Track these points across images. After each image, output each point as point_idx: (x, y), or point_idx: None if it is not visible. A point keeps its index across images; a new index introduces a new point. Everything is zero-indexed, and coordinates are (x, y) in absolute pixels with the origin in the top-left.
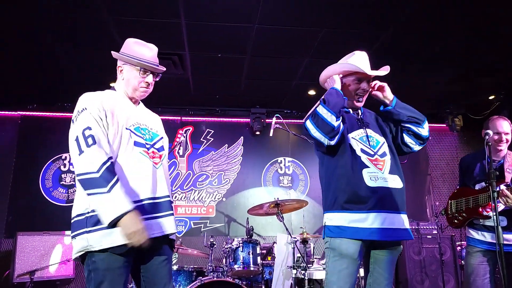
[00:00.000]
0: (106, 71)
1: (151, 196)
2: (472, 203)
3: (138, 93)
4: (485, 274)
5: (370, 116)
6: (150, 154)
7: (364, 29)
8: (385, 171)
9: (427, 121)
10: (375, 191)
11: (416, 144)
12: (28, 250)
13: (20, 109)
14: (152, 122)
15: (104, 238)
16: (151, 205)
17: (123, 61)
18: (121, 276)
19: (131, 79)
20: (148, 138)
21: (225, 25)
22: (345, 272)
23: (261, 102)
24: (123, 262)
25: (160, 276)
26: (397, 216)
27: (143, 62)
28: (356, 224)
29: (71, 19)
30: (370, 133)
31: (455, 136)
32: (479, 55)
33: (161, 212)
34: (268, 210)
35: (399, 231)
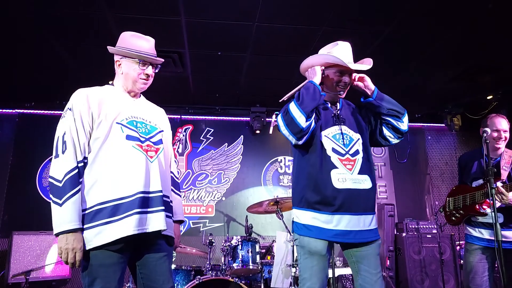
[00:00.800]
0: (106, 68)
1: (142, 190)
2: (469, 200)
3: (138, 86)
4: (484, 271)
5: (348, 110)
6: (145, 148)
7: (363, 27)
8: (354, 171)
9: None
10: (342, 193)
11: (395, 137)
12: (24, 250)
13: (18, 107)
14: (151, 115)
15: (97, 236)
16: (142, 199)
17: (121, 55)
18: (115, 273)
19: (130, 72)
20: (143, 132)
21: (225, 23)
22: (316, 268)
23: (261, 100)
24: (118, 258)
25: (159, 273)
26: (363, 217)
27: (142, 54)
28: (321, 225)
29: (71, 16)
30: (344, 130)
31: (454, 135)
32: (478, 55)
33: (152, 207)
34: (268, 208)
35: (363, 233)
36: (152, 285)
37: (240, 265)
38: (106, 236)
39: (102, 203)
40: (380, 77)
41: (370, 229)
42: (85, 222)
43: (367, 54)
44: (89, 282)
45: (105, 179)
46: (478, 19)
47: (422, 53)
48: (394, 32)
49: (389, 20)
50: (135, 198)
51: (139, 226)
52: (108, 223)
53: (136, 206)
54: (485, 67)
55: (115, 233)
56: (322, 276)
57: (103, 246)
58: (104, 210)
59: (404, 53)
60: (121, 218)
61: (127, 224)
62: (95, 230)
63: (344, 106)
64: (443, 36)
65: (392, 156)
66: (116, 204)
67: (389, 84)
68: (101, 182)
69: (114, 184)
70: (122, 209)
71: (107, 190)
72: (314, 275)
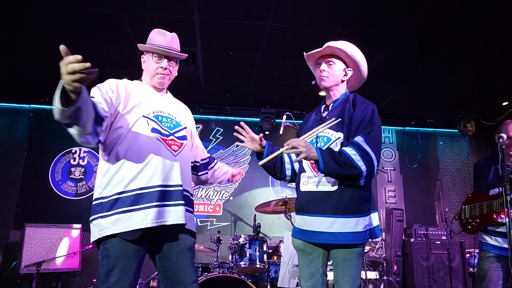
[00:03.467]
0: (119, 65)
1: (162, 183)
2: (486, 209)
3: (156, 80)
4: (498, 280)
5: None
6: (168, 142)
7: (375, 31)
8: (320, 173)
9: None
10: (303, 195)
11: None
12: (36, 241)
13: (32, 102)
14: (177, 111)
15: (115, 224)
16: (161, 192)
17: (144, 51)
18: (132, 265)
19: (149, 66)
20: (168, 126)
21: (238, 22)
22: (301, 263)
23: (271, 101)
24: (135, 250)
25: (181, 266)
26: (320, 219)
27: (156, 47)
28: (294, 223)
29: (84, 13)
30: (320, 133)
31: (467, 141)
32: (493, 60)
33: (171, 200)
34: (276, 208)
35: (320, 234)
36: (174, 278)
37: (247, 263)
38: (124, 224)
39: (122, 192)
40: (392, 81)
41: (330, 232)
42: (103, 210)
43: (379, 57)
44: (106, 272)
45: (127, 169)
46: (492, 24)
47: (435, 59)
48: (406, 37)
49: (402, 24)
50: (154, 190)
51: (157, 218)
52: (127, 212)
53: (156, 199)
54: (500, 73)
55: (133, 223)
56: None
57: (121, 235)
58: (124, 199)
59: (416, 57)
60: (140, 208)
61: (145, 215)
62: (113, 217)
63: (340, 104)
64: (456, 41)
65: (402, 160)
66: (137, 193)
67: (401, 89)
68: (123, 172)
69: (136, 175)
70: (142, 200)
71: (129, 180)
72: (301, 269)
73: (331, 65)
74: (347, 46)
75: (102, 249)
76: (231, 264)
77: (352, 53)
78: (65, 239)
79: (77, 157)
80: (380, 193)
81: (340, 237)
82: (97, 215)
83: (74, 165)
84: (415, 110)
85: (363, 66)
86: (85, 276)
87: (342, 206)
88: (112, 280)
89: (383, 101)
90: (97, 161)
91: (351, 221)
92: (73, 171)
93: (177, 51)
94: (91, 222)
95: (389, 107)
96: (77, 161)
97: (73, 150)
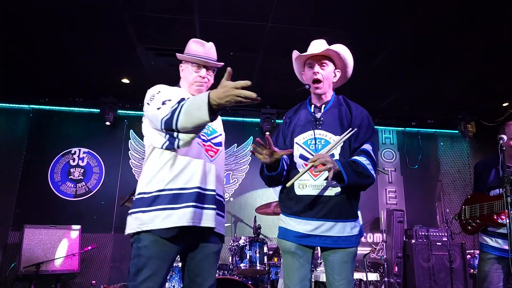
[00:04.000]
0: (119, 65)
1: (200, 186)
2: (486, 209)
3: (193, 88)
4: (498, 281)
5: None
6: (207, 147)
7: (375, 32)
8: (320, 177)
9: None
10: (301, 199)
11: None
12: (35, 243)
13: (32, 102)
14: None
15: (154, 220)
16: (199, 194)
17: (182, 60)
18: (162, 266)
19: (187, 75)
20: (206, 133)
21: (239, 23)
22: (292, 266)
23: (271, 102)
24: (166, 252)
25: (203, 269)
26: (322, 223)
27: (194, 57)
28: (285, 226)
29: (84, 13)
30: (319, 135)
31: (467, 142)
32: (493, 61)
33: (206, 203)
34: (276, 209)
35: (325, 238)
36: (195, 279)
37: (247, 265)
38: (162, 221)
39: (162, 190)
40: (393, 82)
41: (329, 236)
42: (143, 206)
43: (379, 58)
44: (135, 271)
45: (169, 168)
46: (492, 24)
47: (436, 60)
48: (406, 38)
49: (402, 26)
50: (192, 191)
51: (194, 219)
52: (165, 209)
53: (193, 199)
54: (501, 74)
55: (172, 221)
56: (299, 275)
57: (156, 232)
58: (164, 197)
59: (416, 58)
60: (179, 207)
61: (184, 214)
62: (152, 213)
63: (334, 106)
64: (456, 41)
65: (403, 161)
66: (176, 193)
67: (401, 89)
68: (165, 171)
69: (176, 175)
70: (181, 199)
71: (169, 179)
72: (289, 273)
73: (324, 67)
74: (341, 48)
75: (135, 247)
76: (231, 266)
77: (345, 55)
78: (64, 240)
79: (77, 158)
80: (381, 194)
81: (340, 241)
82: (138, 209)
83: (74, 166)
84: (415, 111)
85: (351, 68)
86: (84, 277)
87: (342, 210)
88: (139, 279)
89: (384, 101)
90: (97, 162)
91: (349, 225)
92: (72, 171)
93: (214, 60)
94: (131, 215)
95: (390, 108)
96: (76, 162)
97: (72, 151)
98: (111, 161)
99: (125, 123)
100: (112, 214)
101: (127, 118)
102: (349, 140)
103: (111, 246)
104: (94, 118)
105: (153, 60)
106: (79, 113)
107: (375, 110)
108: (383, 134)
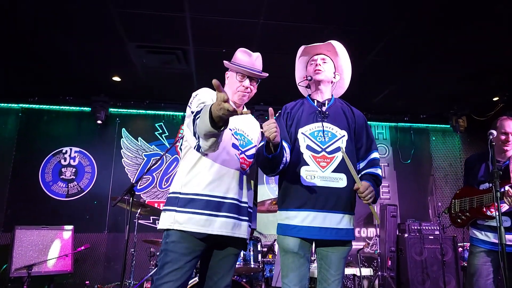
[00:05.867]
0: (110, 63)
1: (236, 197)
2: (476, 203)
3: (236, 97)
4: (488, 274)
5: (338, 107)
6: (240, 160)
7: (369, 28)
8: (328, 169)
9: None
10: (309, 190)
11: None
12: (26, 244)
13: (21, 101)
14: (249, 128)
15: (189, 222)
16: (235, 206)
17: (228, 68)
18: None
19: (231, 83)
20: (241, 144)
21: (230, 20)
22: (292, 266)
23: (265, 99)
24: (193, 250)
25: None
26: (329, 215)
27: (240, 67)
28: (288, 221)
29: (74, 11)
30: (326, 127)
31: (459, 137)
32: (484, 56)
33: (242, 216)
34: (270, 207)
35: (331, 230)
36: (212, 277)
37: (241, 263)
38: (198, 225)
39: (198, 195)
40: (385, 78)
41: (339, 228)
42: (179, 205)
43: (372, 54)
44: (161, 265)
45: (206, 175)
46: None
47: (428, 55)
48: (400, 33)
49: (396, 21)
50: (232, 202)
51: (233, 229)
52: (203, 214)
53: (234, 211)
54: (491, 68)
55: (211, 228)
56: (300, 275)
57: (189, 232)
58: (199, 201)
59: (410, 54)
60: (216, 215)
61: (225, 224)
62: (187, 215)
63: (335, 104)
64: (449, 37)
65: (396, 156)
66: (215, 201)
67: (394, 85)
68: (203, 176)
69: (212, 182)
70: (222, 208)
71: (205, 185)
72: (290, 272)
73: (325, 63)
74: (342, 48)
75: (163, 242)
76: None
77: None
78: (56, 241)
79: (68, 157)
80: None
81: (349, 234)
82: (172, 207)
83: (65, 166)
84: (408, 106)
85: (348, 75)
86: (78, 278)
87: (348, 202)
88: (164, 272)
89: (377, 97)
90: (89, 161)
91: (352, 218)
92: (63, 171)
93: (259, 71)
94: (165, 211)
95: (383, 103)
96: (68, 161)
97: (63, 150)
98: (103, 160)
99: (117, 121)
100: (105, 214)
101: (119, 117)
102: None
103: (104, 245)
104: (85, 116)
105: (145, 58)
106: (70, 111)
107: (368, 106)
108: (376, 130)
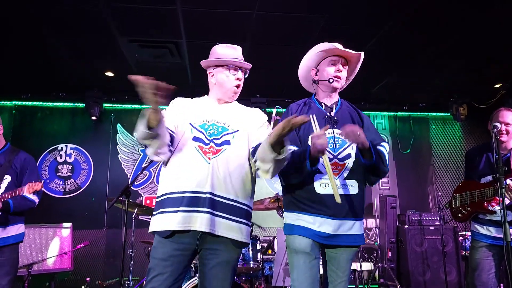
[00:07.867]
0: (102, 58)
1: (192, 189)
2: (477, 197)
3: (230, 93)
4: (490, 269)
5: (346, 111)
6: (205, 149)
7: (366, 19)
8: (340, 176)
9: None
10: (323, 198)
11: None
12: (25, 243)
13: (15, 98)
14: (231, 117)
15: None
16: (190, 198)
17: (213, 66)
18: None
19: (223, 81)
20: (211, 134)
21: (224, 11)
22: (303, 267)
23: (261, 91)
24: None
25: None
26: (342, 222)
27: (231, 60)
28: (304, 224)
29: (65, 7)
30: (337, 134)
31: (459, 125)
32: (485, 44)
33: (199, 207)
34: (269, 205)
35: (343, 237)
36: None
37: (240, 263)
38: (159, 224)
39: (164, 195)
40: (384, 67)
41: (349, 234)
42: (155, 209)
43: (371, 45)
44: (147, 270)
45: (170, 174)
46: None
47: (426, 42)
48: (399, 24)
49: (395, 9)
50: (183, 196)
51: (183, 223)
52: (162, 213)
53: (184, 204)
54: (493, 56)
55: (163, 225)
56: (310, 275)
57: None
58: (165, 201)
59: (408, 42)
60: (170, 211)
61: (173, 219)
62: (157, 216)
63: (342, 107)
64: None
65: (395, 146)
66: (170, 197)
67: (393, 74)
68: (168, 176)
69: (173, 180)
70: (173, 204)
71: (169, 183)
72: (301, 274)
73: (344, 70)
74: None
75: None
76: None
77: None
78: (55, 238)
79: (64, 154)
80: None
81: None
82: (154, 212)
83: (61, 163)
84: (407, 95)
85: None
86: (78, 275)
87: (360, 209)
88: (149, 277)
89: (376, 86)
90: (85, 157)
91: (362, 223)
92: (60, 168)
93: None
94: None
95: (382, 93)
96: (63, 158)
97: (59, 147)
98: (100, 156)
99: (111, 117)
100: (103, 210)
101: (113, 112)
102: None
103: (104, 242)
104: (80, 112)
105: (137, 52)
106: (64, 108)
107: (366, 95)
108: (375, 119)
